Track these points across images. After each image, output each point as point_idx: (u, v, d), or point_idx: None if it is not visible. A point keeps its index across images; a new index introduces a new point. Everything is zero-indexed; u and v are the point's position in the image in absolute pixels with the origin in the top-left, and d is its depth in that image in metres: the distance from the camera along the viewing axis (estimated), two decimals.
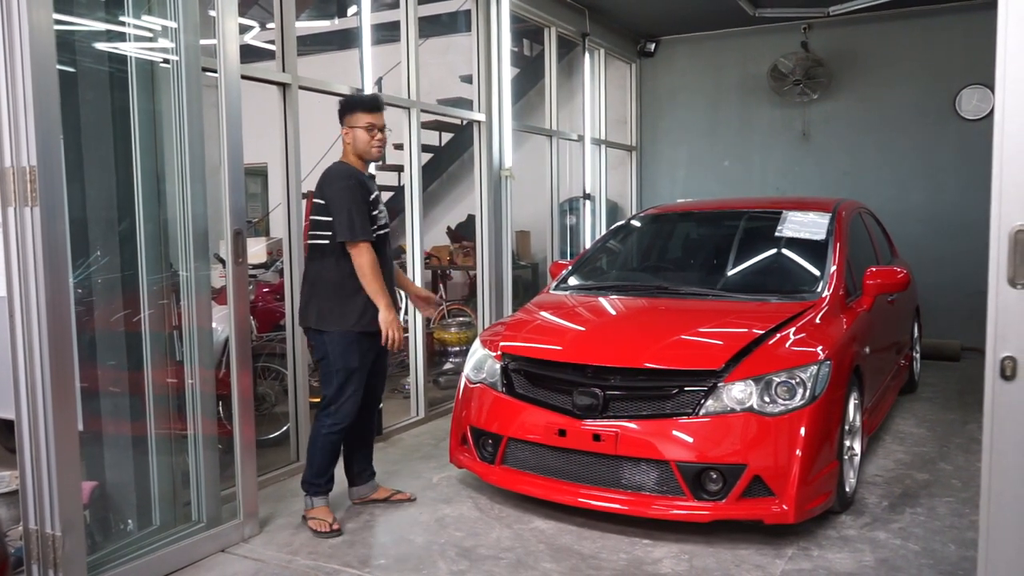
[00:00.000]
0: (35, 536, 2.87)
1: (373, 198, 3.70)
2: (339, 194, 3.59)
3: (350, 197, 3.57)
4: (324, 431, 3.70)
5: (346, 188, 3.59)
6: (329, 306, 3.63)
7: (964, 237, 7.34)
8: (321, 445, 3.71)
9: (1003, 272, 1.93)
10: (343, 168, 3.71)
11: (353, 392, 3.68)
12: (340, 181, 3.63)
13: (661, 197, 8.72)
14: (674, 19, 8.26)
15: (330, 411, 3.68)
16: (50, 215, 2.76)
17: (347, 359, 3.64)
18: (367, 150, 3.74)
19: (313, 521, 3.69)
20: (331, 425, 3.68)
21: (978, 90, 7.47)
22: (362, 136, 3.72)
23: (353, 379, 3.67)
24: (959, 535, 3.56)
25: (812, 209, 4.84)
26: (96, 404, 3.36)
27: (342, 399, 3.67)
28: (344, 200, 3.57)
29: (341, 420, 3.68)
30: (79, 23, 3.35)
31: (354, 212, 3.55)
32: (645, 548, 3.49)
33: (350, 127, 3.74)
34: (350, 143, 3.75)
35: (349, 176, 3.64)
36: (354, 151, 3.75)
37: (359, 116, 3.72)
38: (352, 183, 3.61)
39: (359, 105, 3.76)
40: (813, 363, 3.55)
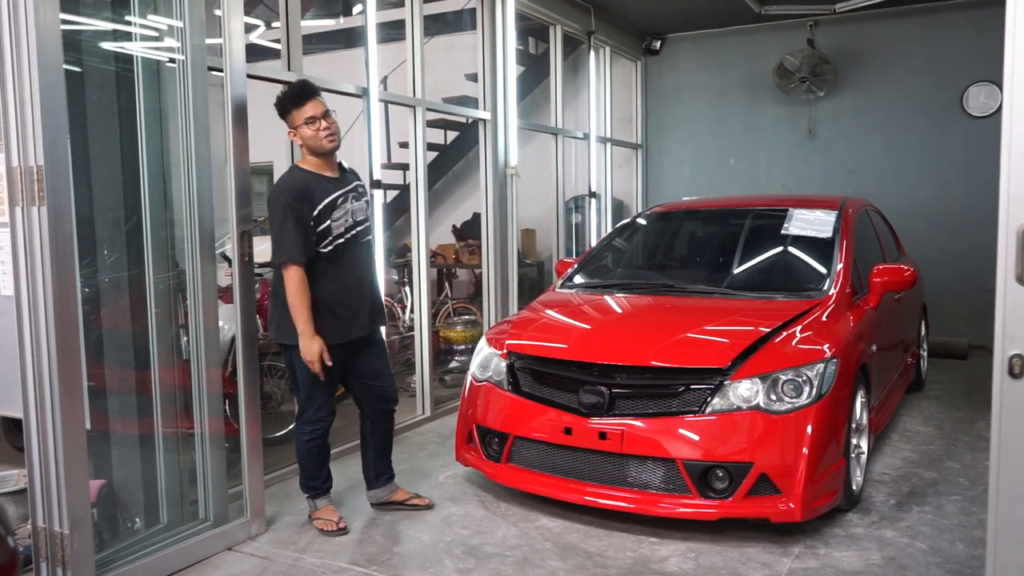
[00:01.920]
0: (43, 534, 2.88)
1: (324, 205, 3.45)
2: (272, 212, 3.43)
3: (282, 215, 3.37)
4: (305, 438, 3.68)
5: (279, 206, 3.39)
6: (285, 319, 3.48)
7: (971, 235, 7.31)
8: (307, 452, 3.70)
9: (1011, 270, 1.92)
10: (285, 181, 3.49)
11: (322, 400, 3.63)
12: (276, 197, 3.43)
13: (667, 195, 8.71)
14: (680, 17, 8.25)
15: (305, 418, 3.66)
16: (57, 214, 2.77)
17: (306, 369, 3.52)
18: (318, 145, 3.48)
19: (319, 521, 3.70)
20: (309, 432, 3.66)
21: (985, 87, 7.43)
22: (306, 133, 3.47)
23: (317, 388, 3.59)
24: (967, 533, 3.55)
25: (818, 207, 4.82)
26: (103, 403, 3.38)
27: (312, 408, 3.64)
28: (275, 218, 3.40)
29: (319, 426, 3.66)
30: (85, 23, 3.36)
31: (283, 231, 3.37)
32: (651, 546, 3.49)
33: (292, 127, 3.51)
34: (301, 141, 3.52)
35: (284, 191, 3.42)
36: (308, 151, 3.53)
37: (294, 114, 3.48)
38: (285, 199, 3.38)
39: (288, 102, 3.49)
40: (820, 361, 3.54)
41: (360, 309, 3.62)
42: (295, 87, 3.55)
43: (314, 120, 3.45)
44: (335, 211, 3.49)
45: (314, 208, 3.43)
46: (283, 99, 3.51)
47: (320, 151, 3.50)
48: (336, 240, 3.50)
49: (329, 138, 3.48)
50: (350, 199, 3.57)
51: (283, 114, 3.51)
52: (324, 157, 3.54)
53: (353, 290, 3.58)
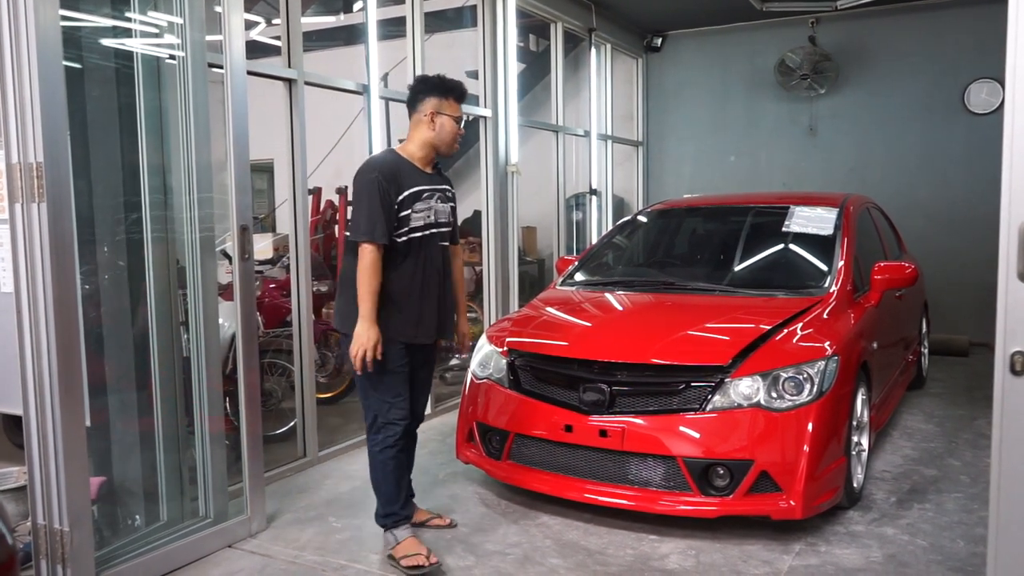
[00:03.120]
0: (43, 531, 2.88)
1: (410, 193, 3.28)
2: (358, 188, 3.27)
3: (367, 192, 3.21)
4: (378, 449, 3.34)
5: (366, 183, 3.24)
6: (353, 306, 3.24)
7: (973, 232, 7.31)
8: (382, 467, 3.34)
9: (1012, 267, 1.91)
10: (376, 159, 3.37)
11: (393, 401, 3.31)
12: (364, 174, 3.28)
13: (668, 192, 8.70)
14: (681, 14, 8.24)
15: (377, 424, 3.35)
16: (57, 211, 2.76)
17: (380, 366, 3.24)
18: (448, 143, 3.38)
19: (406, 559, 3.22)
20: (383, 440, 3.33)
21: (987, 84, 7.42)
22: (450, 127, 3.36)
23: (389, 387, 3.30)
24: (968, 531, 3.55)
25: (819, 204, 4.82)
26: (103, 400, 3.37)
27: (383, 409, 3.32)
28: (360, 195, 3.24)
29: (392, 431, 3.31)
30: (85, 19, 3.36)
31: (367, 209, 3.19)
32: (652, 544, 3.49)
33: (437, 112, 3.34)
34: (433, 131, 3.35)
35: (373, 168, 3.27)
36: (433, 140, 3.37)
37: (449, 103, 3.37)
38: (374, 177, 3.22)
39: (454, 92, 3.39)
40: (821, 358, 3.53)
41: (427, 313, 3.37)
42: (460, 84, 3.46)
43: (460, 120, 3.40)
44: (418, 203, 3.31)
45: (400, 192, 3.26)
46: (452, 85, 3.40)
47: (444, 150, 3.41)
48: (412, 233, 3.29)
49: (457, 144, 3.44)
50: (436, 198, 3.39)
51: (442, 94, 3.37)
52: (431, 154, 3.41)
53: (422, 291, 3.35)
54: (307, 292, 4.51)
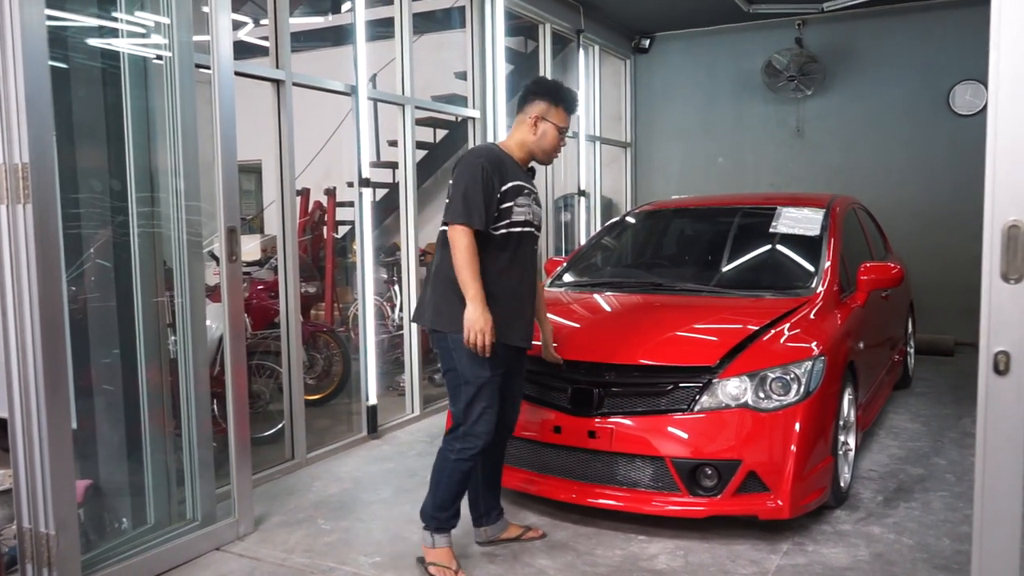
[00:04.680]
0: (29, 535, 2.86)
1: (513, 185, 3.14)
2: (461, 172, 3.11)
3: (470, 177, 3.05)
4: (453, 457, 3.15)
5: (471, 167, 3.08)
6: (447, 301, 3.11)
7: (958, 232, 7.36)
8: (449, 473, 3.17)
9: (996, 267, 1.93)
10: (481, 148, 3.27)
11: (485, 409, 3.12)
12: (472, 159, 3.13)
13: (656, 193, 8.72)
14: (669, 15, 8.26)
15: (458, 433, 3.15)
16: (43, 212, 2.75)
17: (476, 369, 3.08)
18: (549, 151, 3.29)
19: (433, 567, 3.19)
20: (461, 450, 3.14)
21: (971, 86, 7.49)
22: (551, 134, 3.24)
23: (484, 394, 3.11)
24: (953, 529, 3.58)
25: (806, 205, 4.84)
26: (90, 402, 3.36)
27: (472, 418, 3.12)
28: (462, 179, 3.07)
29: (473, 444, 3.13)
30: (72, 19, 3.34)
31: (468, 193, 3.03)
32: (641, 544, 3.50)
33: (542, 118, 3.23)
34: (533, 136, 3.24)
35: (480, 155, 3.15)
36: (531, 144, 3.26)
37: (560, 113, 3.25)
38: (481, 163, 3.09)
39: (565, 101, 3.27)
40: (808, 359, 3.55)
41: (521, 314, 3.22)
42: (575, 95, 3.36)
43: (564, 131, 3.29)
44: (520, 196, 3.17)
45: (504, 183, 3.12)
46: (565, 95, 3.28)
47: (542, 157, 3.31)
48: (511, 227, 3.14)
49: (557, 154, 3.35)
50: (534, 199, 3.27)
51: (554, 101, 3.25)
52: (528, 157, 3.29)
53: (517, 289, 3.20)
54: (295, 293, 4.50)
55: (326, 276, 6.53)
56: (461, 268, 3.02)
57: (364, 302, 5.05)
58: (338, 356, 5.92)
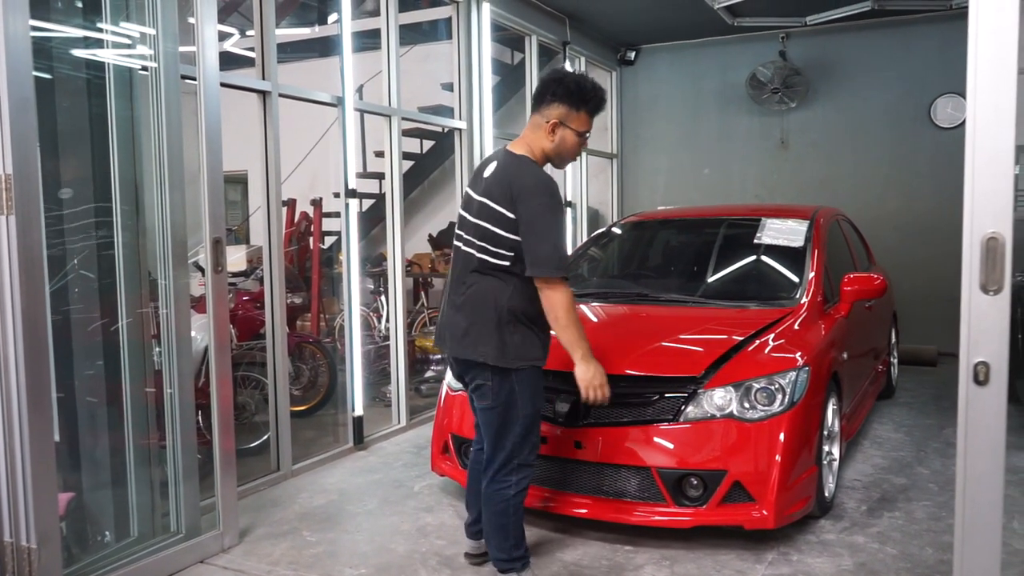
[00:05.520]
0: (10, 549, 2.83)
1: None
2: (543, 213, 2.82)
3: (556, 220, 2.83)
4: (513, 492, 3.01)
5: (552, 208, 2.84)
6: (516, 339, 2.92)
7: (940, 243, 7.43)
8: (514, 509, 3.04)
9: (976, 278, 1.96)
10: (543, 174, 2.93)
11: (535, 440, 3.08)
12: (545, 196, 2.84)
13: (642, 204, 8.76)
14: (654, 28, 8.32)
15: (512, 466, 3.03)
16: (26, 224, 2.73)
17: (536, 400, 3.02)
18: (566, 157, 3.05)
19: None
20: (519, 482, 3.03)
21: (952, 99, 7.58)
22: (572, 142, 3.01)
23: (536, 422, 3.07)
24: (936, 538, 3.60)
25: (791, 216, 4.88)
26: (73, 414, 3.33)
27: (525, 450, 3.03)
28: (548, 223, 2.82)
29: (528, 472, 3.07)
30: (56, 29, 3.33)
31: (559, 242, 2.83)
32: (627, 554, 3.50)
33: (561, 124, 2.97)
34: (553, 143, 2.99)
35: (554, 191, 2.89)
36: (549, 152, 3.01)
37: (583, 117, 2.99)
38: (557, 201, 2.87)
39: (589, 103, 2.98)
40: (792, 369, 3.57)
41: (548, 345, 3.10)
42: (602, 95, 3.04)
43: (586, 137, 3.05)
44: None
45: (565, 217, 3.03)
46: (589, 96, 2.99)
47: (558, 163, 3.08)
48: None
49: (575, 158, 3.15)
50: None
51: (576, 105, 2.98)
52: (544, 163, 3.05)
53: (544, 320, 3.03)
54: (281, 304, 4.49)
55: (312, 287, 6.52)
56: (567, 327, 2.91)
57: (350, 313, 5.04)
58: (324, 367, 5.91)
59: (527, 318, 2.94)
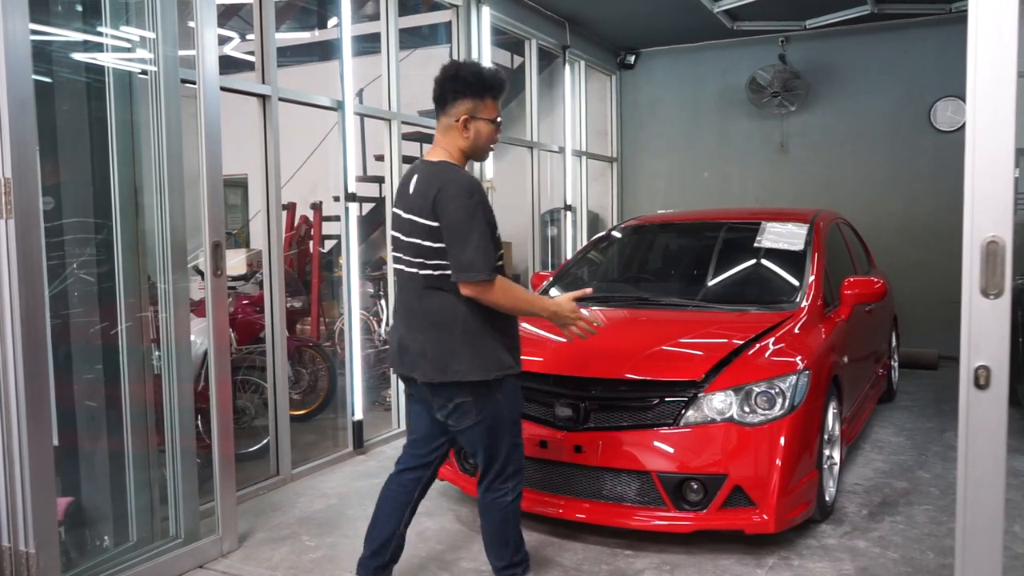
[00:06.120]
0: (8, 553, 2.83)
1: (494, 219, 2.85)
2: (461, 217, 2.70)
3: (475, 216, 2.70)
4: (511, 497, 2.98)
5: (473, 204, 2.71)
6: (480, 348, 2.81)
7: (940, 246, 7.43)
8: (513, 515, 3.01)
9: (976, 282, 1.95)
10: (463, 176, 2.79)
11: (522, 443, 3.02)
12: (463, 199, 2.71)
13: (642, 208, 8.76)
14: (654, 32, 8.33)
15: (508, 472, 2.96)
16: (25, 227, 2.73)
17: (518, 403, 2.96)
18: (483, 149, 2.91)
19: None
20: (516, 487, 3.00)
21: (952, 102, 7.58)
22: (487, 133, 2.87)
23: (519, 426, 3.00)
24: (937, 543, 3.59)
25: (790, 220, 4.88)
26: (72, 418, 3.32)
27: (518, 452, 2.98)
28: (468, 226, 2.69)
29: (521, 478, 3.02)
30: (56, 33, 3.33)
31: (482, 237, 2.70)
32: (627, 559, 3.49)
33: (472, 117, 2.83)
34: (469, 139, 2.85)
35: (476, 187, 2.76)
36: (467, 150, 2.88)
37: (487, 104, 2.84)
38: (479, 199, 2.74)
39: (492, 89, 2.84)
40: (792, 373, 3.57)
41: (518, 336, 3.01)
42: (503, 80, 2.90)
43: (498, 124, 2.90)
44: None
45: (492, 214, 2.83)
46: (490, 82, 2.85)
47: (478, 156, 2.94)
48: (499, 255, 2.87)
49: (492, 148, 2.98)
50: None
51: (478, 94, 2.83)
52: (471, 161, 2.96)
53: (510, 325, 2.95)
54: (281, 308, 4.48)
55: (312, 291, 6.51)
56: (516, 309, 2.83)
57: (350, 317, 5.04)
58: (324, 371, 5.90)
59: (492, 327, 2.84)
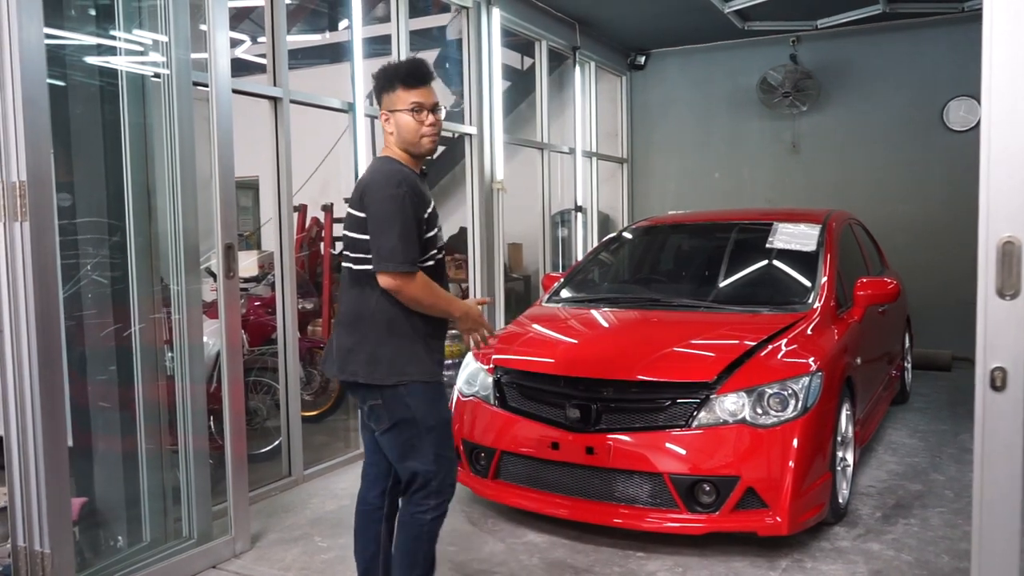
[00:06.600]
0: (24, 553, 2.85)
1: (432, 209, 2.72)
2: (385, 205, 2.60)
3: (399, 210, 2.57)
4: (431, 516, 2.73)
5: (396, 198, 2.58)
6: (397, 350, 2.66)
7: (953, 247, 7.38)
8: (428, 537, 2.75)
9: (991, 283, 1.93)
10: (394, 171, 2.66)
11: (452, 457, 2.79)
12: (392, 187, 2.60)
13: (653, 209, 8.74)
14: (664, 32, 8.31)
15: (432, 488, 2.71)
16: (40, 230, 2.75)
17: (439, 411, 2.73)
18: (415, 141, 2.71)
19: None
20: (438, 506, 2.73)
21: (965, 101, 7.53)
22: (406, 122, 2.69)
23: (448, 434, 2.77)
24: (952, 546, 3.57)
25: (802, 220, 4.86)
26: (86, 419, 3.34)
27: (444, 467, 2.72)
28: (389, 214, 2.58)
29: (449, 494, 2.77)
30: (70, 37, 3.35)
31: (404, 229, 2.57)
32: (639, 561, 3.48)
33: (389, 111, 2.72)
34: (392, 133, 2.74)
35: (401, 181, 2.61)
36: (401, 145, 2.73)
37: (398, 94, 2.70)
38: (404, 191, 2.60)
39: (397, 78, 2.71)
40: (805, 374, 3.55)
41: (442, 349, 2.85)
42: (408, 63, 2.78)
43: (420, 109, 2.69)
44: (437, 220, 2.77)
45: (424, 212, 2.67)
46: (390, 73, 2.72)
47: (414, 149, 2.73)
48: (436, 255, 2.75)
49: (431, 138, 2.74)
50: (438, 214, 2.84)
51: (384, 89, 2.73)
52: (415, 158, 2.77)
53: (446, 323, 2.84)
54: (292, 310, 4.50)
55: (323, 292, 6.52)
56: (433, 308, 2.67)
57: None
58: None
59: (410, 327, 2.67)
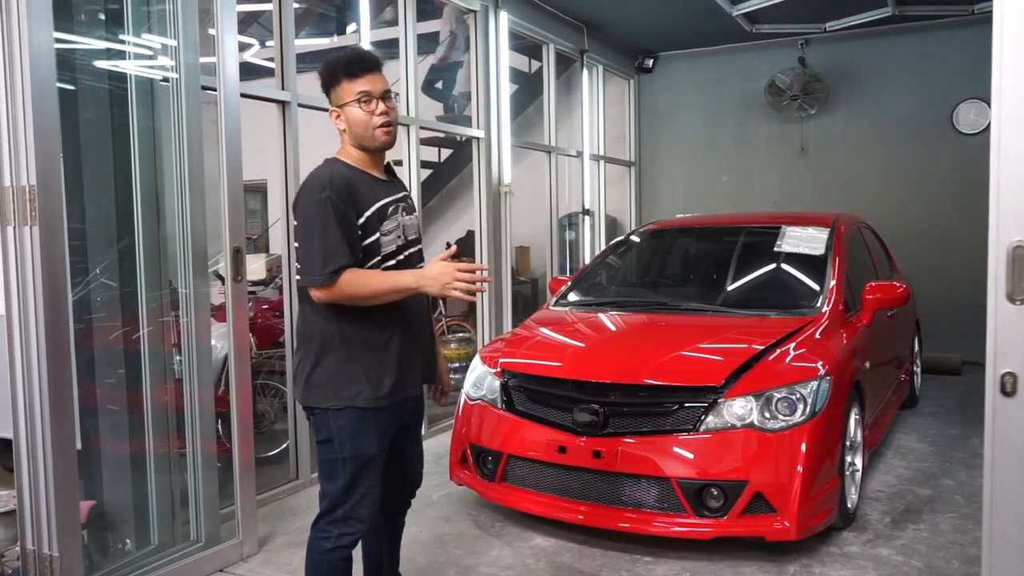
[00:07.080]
0: (32, 556, 2.85)
1: (373, 212, 2.52)
2: (306, 215, 2.46)
3: (321, 218, 2.41)
4: (331, 545, 2.56)
5: (316, 206, 2.43)
6: (332, 370, 2.51)
7: (963, 251, 7.33)
8: (329, 568, 2.58)
9: (1002, 288, 1.92)
10: (318, 176, 2.51)
11: (369, 488, 2.58)
12: (311, 194, 2.46)
13: (660, 212, 8.72)
14: (672, 35, 8.30)
15: (337, 516, 2.56)
16: (49, 234, 2.76)
17: (360, 444, 2.52)
18: (368, 134, 2.54)
19: None
20: (340, 536, 2.56)
21: (975, 104, 7.49)
22: (355, 114, 2.53)
23: (369, 471, 2.56)
24: (962, 551, 3.54)
25: (811, 224, 4.84)
26: (95, 423, 3.35)
27: (353, 499, 2.55)
28: (311, 223, 2.43)
29: (355, 529, 2.58)
30: (79, 41, 3.37)
31: (325, 239, 2.41)
32: (646, 565, 3.47)
33: (338, 107, 2.56)
34: (345, 127, 2.57)
35: (322, 187, 2.44)
36: (356, 139, 2.57)
37: (343, 87, 2.54)
38: (325, 196, 2.42)
39: (340, 70, 2.54)
40: (813, 379, 3.54)
41: (413, 356, 2.64)
42: (350, 53, 2.59)
43: (369, 99, 2.52)
44: (385, 222, 2.55)
45: (360, 214, 2.49)
46: (332, 66, 2.56)
47: (369, 143, 2.56)
48: (385, 261, 2.55)
49: (385, 128, 2.54)
50: (401, 211, 2.63)
51: (329, 84, 2.58)
52: (372, 153, 2.60)
53: (407, 329, 2.61)
54: None
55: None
56: (379, 292, 2.46)
57: None
58: None
59: (347, 345, 2.51)
